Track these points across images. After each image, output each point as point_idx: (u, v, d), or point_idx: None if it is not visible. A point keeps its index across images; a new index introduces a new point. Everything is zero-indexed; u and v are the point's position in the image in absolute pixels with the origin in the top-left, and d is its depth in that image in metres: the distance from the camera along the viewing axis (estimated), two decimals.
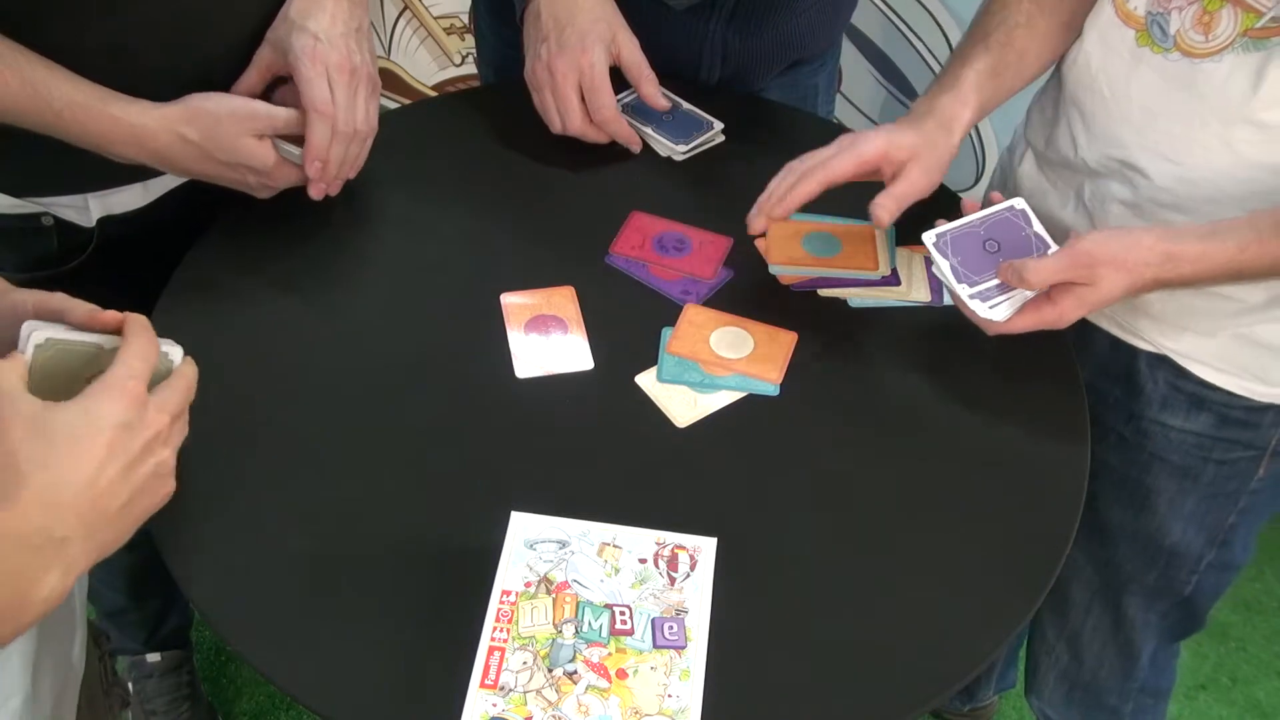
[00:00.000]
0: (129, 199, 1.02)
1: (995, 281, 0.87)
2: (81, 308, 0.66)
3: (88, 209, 1.00)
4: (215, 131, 0.89)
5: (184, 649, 1.54)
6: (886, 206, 0.90)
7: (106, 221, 1.02)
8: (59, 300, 0.67)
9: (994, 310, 0.86)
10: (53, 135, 0.87)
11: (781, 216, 0.92)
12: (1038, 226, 0.91)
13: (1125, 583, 1.15)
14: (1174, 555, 1.10)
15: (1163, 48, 0.88)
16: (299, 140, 0.93)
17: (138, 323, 0.65)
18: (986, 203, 0.92)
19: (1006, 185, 1.10)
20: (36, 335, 0.64)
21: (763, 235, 0.97)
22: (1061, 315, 0.84)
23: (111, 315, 0.66)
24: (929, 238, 0.89)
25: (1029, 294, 0.86)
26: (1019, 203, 0.91)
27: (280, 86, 0.98)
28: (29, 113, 0.85)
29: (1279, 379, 0.96)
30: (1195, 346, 0.98)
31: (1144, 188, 0.92)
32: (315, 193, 0.96)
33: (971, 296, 0.86)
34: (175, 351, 0.68)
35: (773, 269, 0.98)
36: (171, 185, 1.04)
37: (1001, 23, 0.96)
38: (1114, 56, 0.92)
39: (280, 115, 0.92)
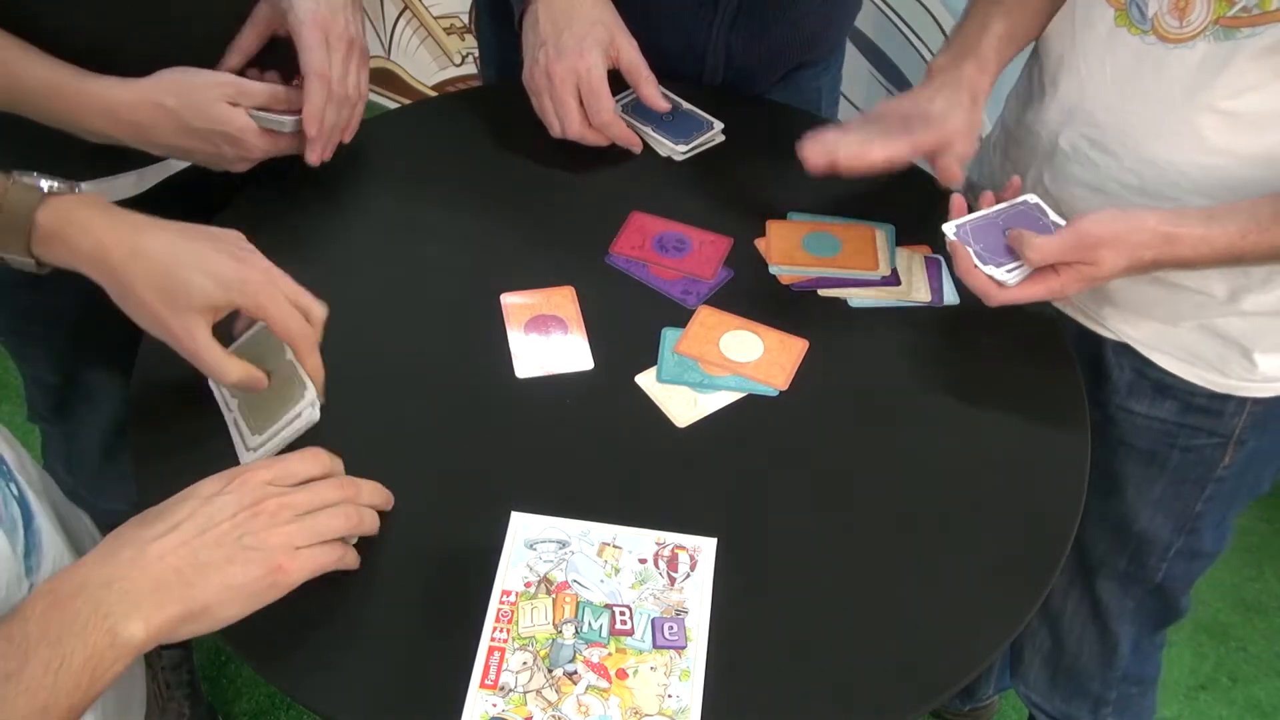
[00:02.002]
0: (122, 187, 1.03)
1: (1017, 263, 0.87)
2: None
3: None
4: (192, 97, 0.91)
5: (184, 649, 1.54)
6: (960, 164, 0.92)
7: None
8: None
9: (1010, 275, 0.86)
10: (25, 114, 0.89)
11: (851, 166, 0.92)
12: (1054, 215, 0.91)
13: (1097, 567, 1.16)
14: (1143, 542, 1.11)
15: (1140, 29, 0.88)
16: (276, 111, 0.95)
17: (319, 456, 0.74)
18: (975, 199, 0.93)
19: (978, 168, 1.12)
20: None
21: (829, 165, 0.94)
22: (1064, 287, 0.85)
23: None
24: (949, 229, 0.89)
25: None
26: (1031, 198, 0.93)
27: (267, 72, 1.00)
28: (0, 91, 0.87)
29: (1238, 372, 0.98)
30: (1157, 335, 0.99)
31: (1108, 169, 0.92)
32: (313, 157, 0.98)
33: (985, 262, 0.87)
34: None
35: (773, 269, 0.98)
36: (165, 174, 1.05)
37: None
38: (1092, 35, 0.92)
39: (254, 89, 0.94)
